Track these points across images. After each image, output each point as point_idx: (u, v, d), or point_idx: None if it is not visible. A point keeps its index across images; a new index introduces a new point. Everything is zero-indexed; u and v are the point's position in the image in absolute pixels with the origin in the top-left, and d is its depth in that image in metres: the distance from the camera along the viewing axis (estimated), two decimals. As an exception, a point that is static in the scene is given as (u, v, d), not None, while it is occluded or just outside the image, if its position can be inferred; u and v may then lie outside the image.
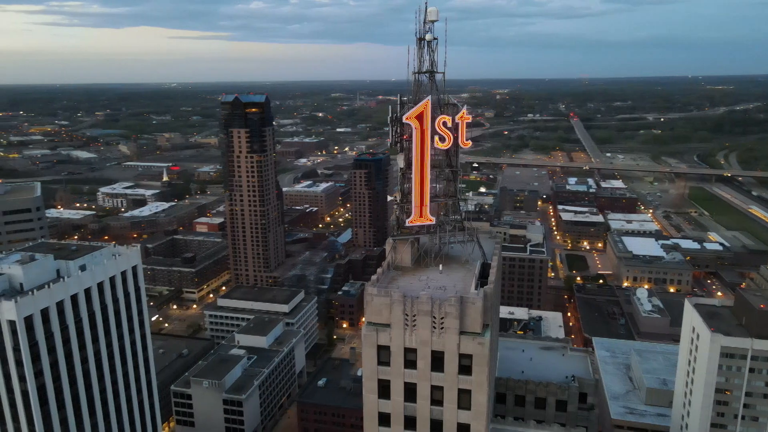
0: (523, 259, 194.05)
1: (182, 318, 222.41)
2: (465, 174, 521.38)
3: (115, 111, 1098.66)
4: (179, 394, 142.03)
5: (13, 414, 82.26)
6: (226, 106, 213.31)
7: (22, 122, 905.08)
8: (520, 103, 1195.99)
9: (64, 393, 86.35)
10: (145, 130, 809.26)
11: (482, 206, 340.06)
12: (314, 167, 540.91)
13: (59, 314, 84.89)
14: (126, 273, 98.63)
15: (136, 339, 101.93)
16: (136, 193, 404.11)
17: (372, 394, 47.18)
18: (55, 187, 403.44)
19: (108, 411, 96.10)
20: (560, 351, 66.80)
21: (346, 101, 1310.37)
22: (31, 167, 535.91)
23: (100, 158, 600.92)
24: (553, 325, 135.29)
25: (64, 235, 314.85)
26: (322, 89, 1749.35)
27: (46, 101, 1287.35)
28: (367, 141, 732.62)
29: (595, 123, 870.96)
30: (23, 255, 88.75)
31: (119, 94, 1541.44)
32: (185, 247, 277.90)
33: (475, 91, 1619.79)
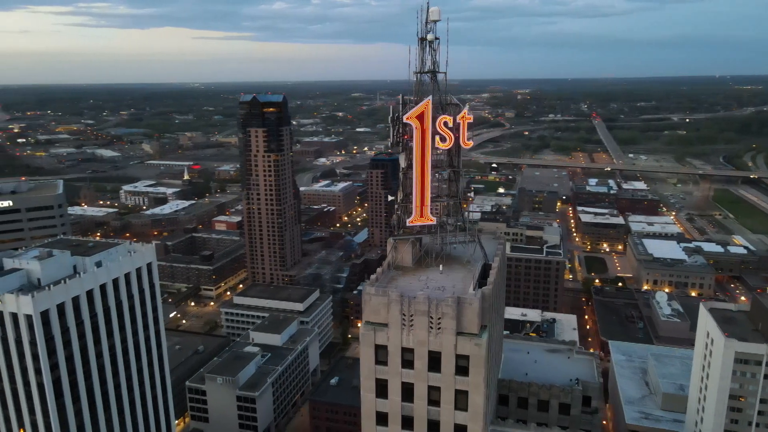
0: (540, 261, 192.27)
1: (200, 315, 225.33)
2: (484, 174, 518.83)
3: (139, 110, 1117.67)
4: (194, 390, 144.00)
5: (30, 406, 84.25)
6: (245, 105, 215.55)
7: (50, 121, 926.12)
8: (542, 104, 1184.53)
9: (79, 386, 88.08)
10: (168, 130, 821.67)
11: (500, 207, 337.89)
12: (333, 167, 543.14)
13: (75, 309, 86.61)
14: (141, 270, 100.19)
15: (150, 335, 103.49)
16: (158, 192, 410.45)
17: (370, 393, 47.32)
18: (79, 185, 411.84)
19: (122, 405, 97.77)
20: (566, 354, 66.02)
21: (366, 101, 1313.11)
22: (57, 165, 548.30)
23: (124, 157, 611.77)
24: (567, 328, 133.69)
25: (87, 232, 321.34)
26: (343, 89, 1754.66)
27: (73, 101, 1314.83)
28: (387, 141, 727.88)
29: (617, 123, 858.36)
30: (41, 251, 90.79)
31: (144, 94, 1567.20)
32: (204, 245, 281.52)
33: (495, 91, 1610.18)
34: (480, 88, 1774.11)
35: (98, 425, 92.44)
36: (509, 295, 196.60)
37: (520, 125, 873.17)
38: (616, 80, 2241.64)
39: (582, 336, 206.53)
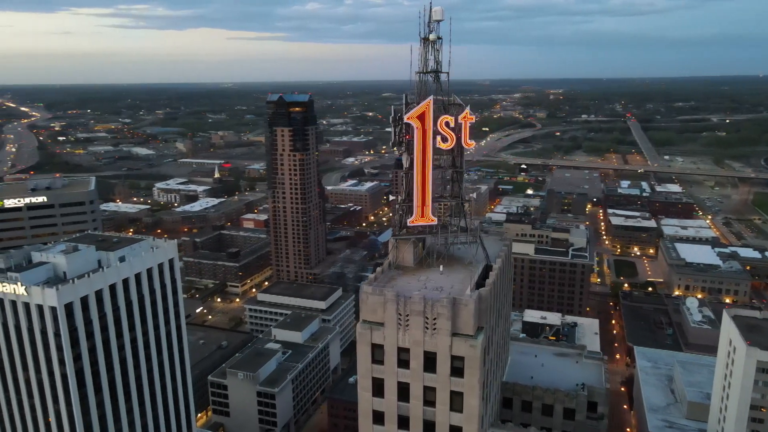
0: (565, 264, 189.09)
1: (225, 311, 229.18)
2: (513, 175, 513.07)
3: (174, 110, 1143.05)
4: (216, 384, 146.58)
5: (54, 395, 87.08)
6: (271, 105, 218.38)
7: (89, 120, 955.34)
8: (575, 104, 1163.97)
9: (101, 377, 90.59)
10: (201, 129, 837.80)
11: (528, 208, 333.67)
12: (361, 166, 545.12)
13: (98, 302, 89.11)
14: (163, 265, 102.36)
15: (171, 329, 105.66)
16: (189, 189, 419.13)
17: (366, 392, 47.43)
18: (114, 182, 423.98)
19: (143, 397, 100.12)
20: (574, 358, 64.77)
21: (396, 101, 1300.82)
22: (94, 163, 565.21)
23: (158, 155, 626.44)
24: (589, 332, 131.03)
25: (120, 228, 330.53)
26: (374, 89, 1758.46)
27: (112, 100, 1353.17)
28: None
29: (653, 124, 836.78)
30: (68, 245, 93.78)
31: (179, 94, 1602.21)
32: (231, 242, 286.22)
33: (528, 91, 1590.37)
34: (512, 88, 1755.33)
35: (119, 415, 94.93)
36: (533, 297, 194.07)
37: (551, 126, 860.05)
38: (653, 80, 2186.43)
39: (608, 341, 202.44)
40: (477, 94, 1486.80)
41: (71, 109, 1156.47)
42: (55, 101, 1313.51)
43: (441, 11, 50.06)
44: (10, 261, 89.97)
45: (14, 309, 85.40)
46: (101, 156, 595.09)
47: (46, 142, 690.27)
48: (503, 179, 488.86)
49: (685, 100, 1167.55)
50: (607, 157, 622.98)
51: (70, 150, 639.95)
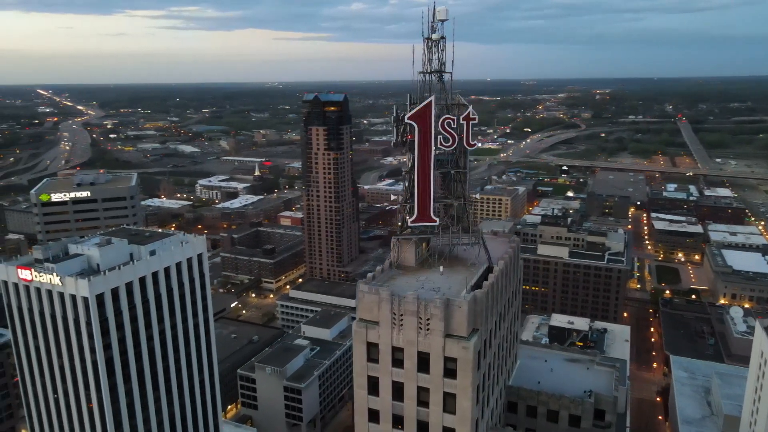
0: (600, 268, 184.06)
1: (259, 306, 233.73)
2: (553, 177, 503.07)
3: (220, 108, 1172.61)
4: (245, 378, 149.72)
5: (85, 382, 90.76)
6: (307, 104, 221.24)
7: (139, 118, 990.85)
8: (622, 104, 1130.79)
9: (130, 367, 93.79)
10: (244, 127, 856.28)
11: (567, 211, 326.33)
12: (400, 166, 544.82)
13: (128, 294, 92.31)
14: (192, 260, 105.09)
15: (199, 322, 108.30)
16: (230, 186, 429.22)
17: (362, 390, 47.59)
18: (159, 179, 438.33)
19: (170, 386, 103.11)
20: (586, 364, 63.03)
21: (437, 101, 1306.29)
22: (142, 159, 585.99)
23: (202, 152, 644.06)
24: (619, 339, 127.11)
25: (163, 223, 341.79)
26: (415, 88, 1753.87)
27: (162, 99, 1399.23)
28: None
29: (705, 126, 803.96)
30: (102, 238, 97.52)
31: (225, 93, 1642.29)
32: (268, 239, 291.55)
33: (573, 90, 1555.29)
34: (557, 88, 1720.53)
35: (147, 404, 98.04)
36: (566, 302, 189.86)
37: (596, 126, 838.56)
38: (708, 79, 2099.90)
39: (646, 349, 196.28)
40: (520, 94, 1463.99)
41: (123, 107, 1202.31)
42: (108, 100, 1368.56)
43: (445, 11, 49.75)
44: (48, 252, 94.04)
45: (50, 298, 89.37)
46: (149, 153, 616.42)
47: (99, 140, 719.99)
48: (543, 181, 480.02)
49: (741, 100, 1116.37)
50: (654, 159, 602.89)
51: (121, 147, 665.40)
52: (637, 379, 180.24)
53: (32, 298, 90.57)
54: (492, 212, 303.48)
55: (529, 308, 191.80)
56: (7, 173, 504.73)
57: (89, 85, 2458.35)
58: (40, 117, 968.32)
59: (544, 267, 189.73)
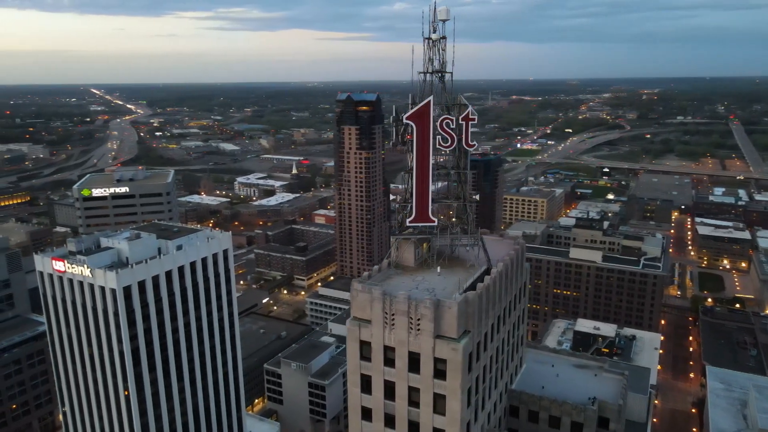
0: (634, 273, 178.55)
1: (290, 303, 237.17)
2: (594, 179, 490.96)
3: (261, 107, 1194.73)
4: (271, 373, 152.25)
5: (113, 371, 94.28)
6: (340, 104, 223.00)
7: (184, 117, 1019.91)
8: (670, 104, 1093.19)
9: (155, 357, 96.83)
10: (284, 126, 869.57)
11: (605, 214, 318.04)
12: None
13: (154, 287, 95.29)
14: (217, 255, 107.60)
15: (223, 316, 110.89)
16: (267, 184, 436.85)
17: (355, 388, 47.79)
18: (200, 176, 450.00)
19: (194, 378, 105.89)
20: (594, 371, 61.29)
21: (477, 101, 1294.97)
22: (185, 157, 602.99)
23: (243, 150, 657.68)
24: (648, 347, 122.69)
25: (201, 219, 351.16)
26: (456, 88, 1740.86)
27: (206, 98, 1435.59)
28: (494, 141, 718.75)
29: (760, 127, 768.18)
30: (132, 233, 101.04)
31: (267, 92, 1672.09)
32: (301, 237, 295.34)
33: (618, 90, 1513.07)
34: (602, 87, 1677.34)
35: (171, 393, 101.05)
36: (598, 307, 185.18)
37: (642, 127, 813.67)
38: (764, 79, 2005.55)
39: (683, 358, 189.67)
40: (563, 94, 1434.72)
41: (170, 106, 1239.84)
42: (156, 99, 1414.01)
43: (446, 11, 49.42)
44: (81, 245, 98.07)
45: (81, 289, 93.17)
46: (191, 151, 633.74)
47: (145, 137, 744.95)
48: (583, 183, 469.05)
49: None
50: (703, 161, 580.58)
51: (165, 145, 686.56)
52: (672, 389, 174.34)
53: (65, 289, 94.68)
54: (527, 214, 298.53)
55: (560, 312, 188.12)
56: (59, 169, 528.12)
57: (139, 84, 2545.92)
58: (91, 115, 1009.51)
59: (576, 271, 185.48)
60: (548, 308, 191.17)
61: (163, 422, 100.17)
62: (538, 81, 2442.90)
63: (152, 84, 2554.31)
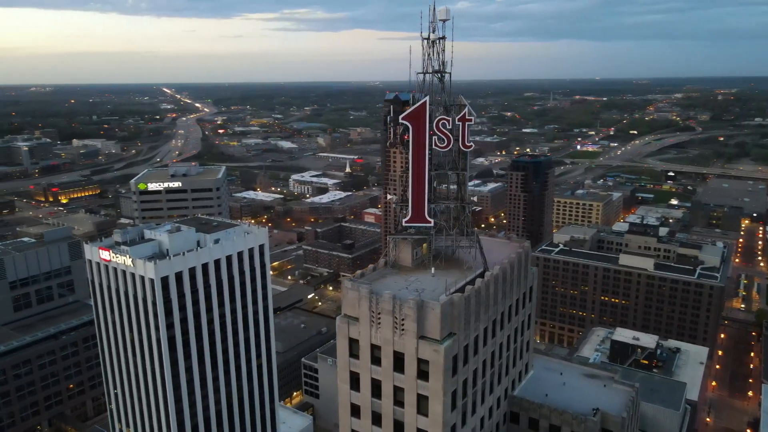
0: (688, 283, 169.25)
1: (335, 299, 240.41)
2: (657, 183, 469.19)
3: (321, 106, 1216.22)
4: (308, 367, 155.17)
5: (151, 357, 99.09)
6: (387, 103, 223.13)
7: (247, 115, 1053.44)
8: (748, 105, 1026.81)
9: (190, 345, 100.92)
10: (341, 125, 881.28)
11: (666, 220, 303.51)
12: (490, 167, 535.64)
13: (191, 278, 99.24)
14: (253, 250, 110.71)
15: (258, 310, 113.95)
16: (321, 182, 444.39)
17: (345, 385, 48.08)
18: (257, 172, 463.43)
19: (229, 368, 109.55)
20: (603, 381, 58.60)
21: (538, 101, 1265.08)
22: (245, 154, 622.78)
23: (300, 148, 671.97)
24: (693, 361, 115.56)
25: (255, 214, 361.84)
26: (516, 88, 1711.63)
27: (269, 97, 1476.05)
28: (553, 143, 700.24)
29: None
30: (173, 226, 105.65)
31: (327, 92, 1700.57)
32: (350, 234, 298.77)
33: (691, 90, 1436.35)
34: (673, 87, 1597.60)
35: (206, 382, 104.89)
36: (648, 317, 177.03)
37: (714, 129, 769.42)
38: None
39: (742, 375, 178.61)
40: (630, 94, 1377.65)
41: (234, 104, 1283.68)
42: (222, 98, 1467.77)
43: (446, 11, 48.75)
44: (126, 236, 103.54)
45: (124, 278, 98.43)
46: (251, 148, 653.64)
47: (209, 135, 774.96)
48: (645, 187, 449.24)
49: None
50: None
51: (226, 142, 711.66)
52: (727, 407, 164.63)
53: (110, 277, 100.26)
54: (580, 218, 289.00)
55: (607, 321, 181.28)
56: (128, 164, 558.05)
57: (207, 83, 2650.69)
58: (161, 113, 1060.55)
59: (625, 278, 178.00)
60: (595, 316, 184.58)
61: (197, 408, 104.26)
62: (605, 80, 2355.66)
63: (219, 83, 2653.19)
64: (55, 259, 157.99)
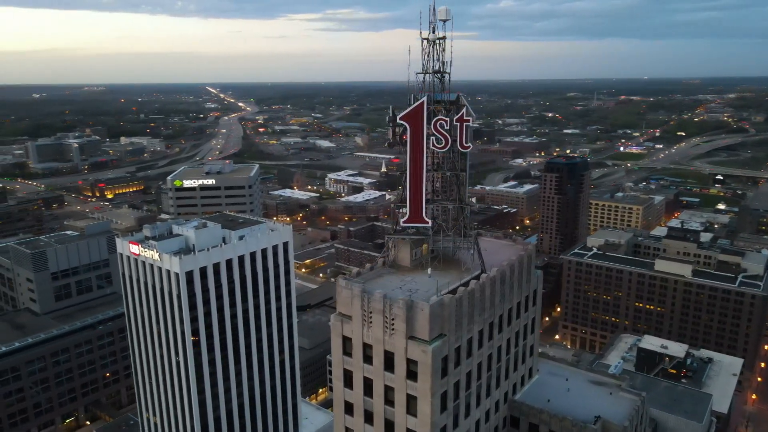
0: (729, 291, 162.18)
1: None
2: (704, 187, 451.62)
3: (360, 106, 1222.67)
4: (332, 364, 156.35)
5: (175, 349, 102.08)
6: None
7: (287, 114, 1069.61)
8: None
9: (213, 339, 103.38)
10: (380, 124, 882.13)
11: (711, 225, 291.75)
12: (528, 168, 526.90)
13: (215, 274, 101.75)
14: (277, 247, 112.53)
15: (282, 306, 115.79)
16: (356, 181, 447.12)
17: (339, 382, 48.22)
18: (294, 171, 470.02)
19: (251, 363, 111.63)
20: (610, 388, 56.70)
21: (581, 101, 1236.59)
22: (283, 153, 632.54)
23: (338, 148, 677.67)
24: (725, 372, 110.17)
25: (291, 212, 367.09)
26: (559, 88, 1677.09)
27: (309, 96, 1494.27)
28: (595, 144, 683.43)
29: None
30: (199, 222, 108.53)
31: (367, 91, 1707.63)
32: (382, 234, 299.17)
33: (745, 90, 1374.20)
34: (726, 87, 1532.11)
35: (228, 374, 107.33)
36: (685, 326, 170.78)
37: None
38: None
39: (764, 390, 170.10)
40: (679, 95, 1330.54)
41: (275, 104, 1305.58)
42: (264, 97, 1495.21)
43: (446, 11, 48.30)
44: (155, 231, 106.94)
45: (152, 271, 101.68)
46: (290, 147, 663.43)
47: (249, 133, 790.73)
48: (690, 190, 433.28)
49: None
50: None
51: (266, 140, 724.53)
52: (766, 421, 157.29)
53: (139, 270, 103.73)
54: (619, 221, 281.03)
55: (641, 328, 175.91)
56: (171, 161, 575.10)
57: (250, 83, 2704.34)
58: (205, 112, 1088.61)
59: (661, 285, 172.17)
60: (628, 322, 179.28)
61: (220, 401, 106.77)
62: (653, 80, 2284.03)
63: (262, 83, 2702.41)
64: (95, 251, 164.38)
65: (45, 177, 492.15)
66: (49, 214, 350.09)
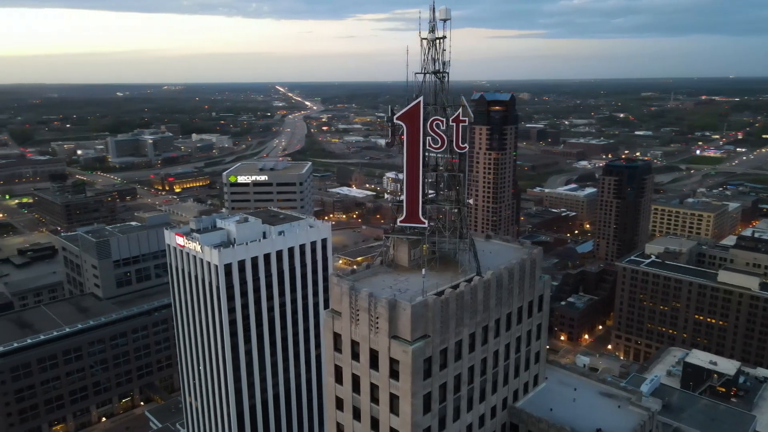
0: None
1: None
2: None
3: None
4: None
5: (214, 337, 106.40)
6: (473, 103, 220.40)
7: (351, 113, 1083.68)
8: None
9: (250, 330, 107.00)
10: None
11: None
12: (593, 170, 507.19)
13: (253, 267, 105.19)
14: (315, 244, 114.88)
15: (319, 301, 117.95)
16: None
17: (330, 377, 48.36)
18: (353, 169, 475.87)
19: (287, 354, 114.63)
20: (620, 401, 53.43)
21: (656, 101, 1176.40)
22: (344, 151, 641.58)
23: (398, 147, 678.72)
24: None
25: (347, 210, 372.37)
26: (633, 88, 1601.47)
27: (374, 95, 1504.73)
28: (668, 146, 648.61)
29: None
30: (241, 217, 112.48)
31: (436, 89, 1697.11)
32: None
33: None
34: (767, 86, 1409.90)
35: (264, 365, 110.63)
36: (750, 342, 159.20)
37: None
38: None
39: None
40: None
41: (340, 103, 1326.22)
42: (329, 96, 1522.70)
43: (446, 10, 47.38)
44: (200, 224, 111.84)
45: (195, 263, 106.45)
46: (351, 145, 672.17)
47: (314, 131, 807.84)
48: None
49: None
50: None
51: (329, 139, 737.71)
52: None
53: (184, 261, 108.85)
54: (687, 228, 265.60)
55: (701, 342, 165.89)
56: (238, 157, 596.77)
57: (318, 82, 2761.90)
58: (273, 110, 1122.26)
59: (724, 297, 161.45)
60: (687, 335, 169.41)
61: (255, 390, 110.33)
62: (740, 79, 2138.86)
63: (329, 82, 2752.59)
64: (153, 242, 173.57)
65: (122, 171, 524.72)
66: (123, 205, 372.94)
